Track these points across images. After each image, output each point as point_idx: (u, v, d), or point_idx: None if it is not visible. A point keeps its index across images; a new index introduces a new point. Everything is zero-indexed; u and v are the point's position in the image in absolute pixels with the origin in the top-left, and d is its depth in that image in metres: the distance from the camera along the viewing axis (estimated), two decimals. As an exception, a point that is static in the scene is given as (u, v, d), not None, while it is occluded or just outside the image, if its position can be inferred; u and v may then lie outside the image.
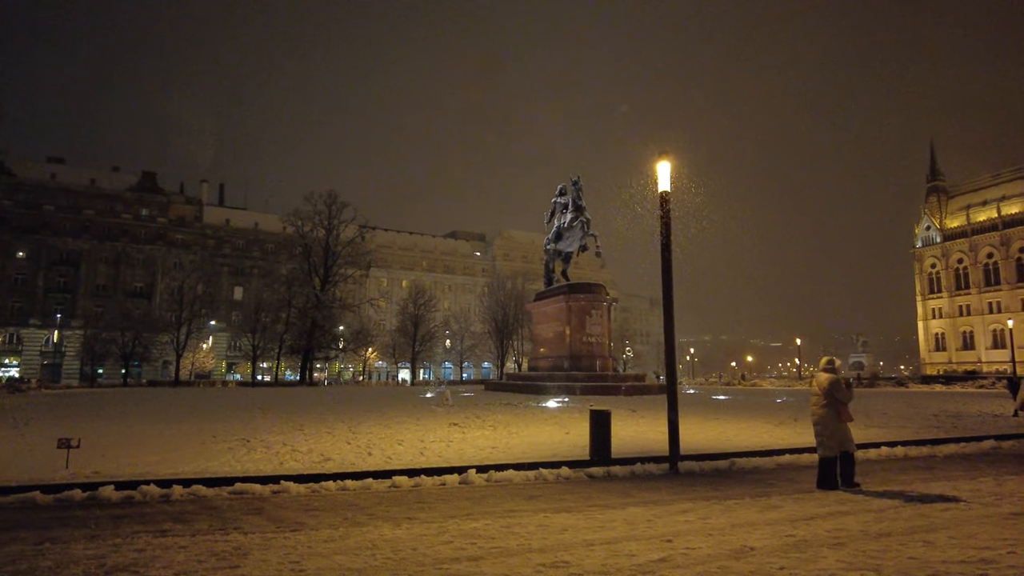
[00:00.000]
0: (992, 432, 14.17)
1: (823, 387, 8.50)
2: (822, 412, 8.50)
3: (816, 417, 8.57)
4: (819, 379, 8.65)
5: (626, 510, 7.21)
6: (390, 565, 5.16)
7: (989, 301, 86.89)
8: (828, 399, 8.43)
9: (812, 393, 8.80)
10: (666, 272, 10.65)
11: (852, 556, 5.27)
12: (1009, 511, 7.02)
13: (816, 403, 8.60)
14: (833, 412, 8.39)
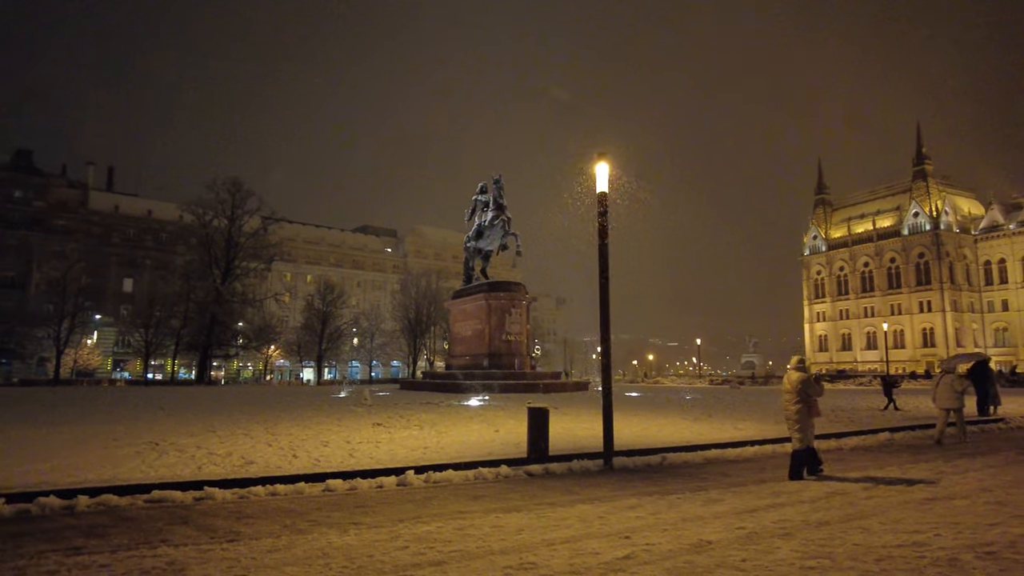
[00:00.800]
0: (885, 425, 15.39)
1: (795, 385, 8.96)
2: (795, 408, 8.95)
3: (789, 413, 9.02)
4: (790, 377, 9.10)
5: (576, 508, 7.20)
6: (348, 575, 4.86)
7: (865, 306, 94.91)
8: (800, 396, 8.91)
9: (784, 391, 9.24)
10: (603, 273, 10.78)
11: (803, 545, 5.48)
12: (921, 497, 7.59)
13: (789, 400, 9.04)
14: (805, 408, 8.89)
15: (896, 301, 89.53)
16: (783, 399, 9.27)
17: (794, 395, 8.97)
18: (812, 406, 8.95)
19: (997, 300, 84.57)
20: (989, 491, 7.92)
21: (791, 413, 8.99)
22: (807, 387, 8.94)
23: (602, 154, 11.03)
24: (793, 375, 9.11)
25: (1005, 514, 6.64)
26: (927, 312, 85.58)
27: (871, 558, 5.10)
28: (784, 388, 9.27)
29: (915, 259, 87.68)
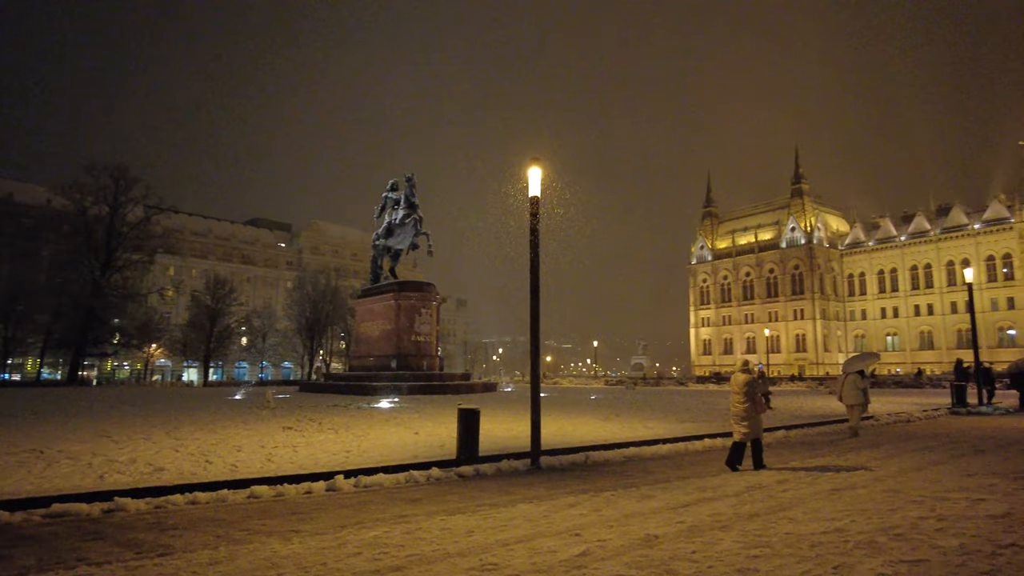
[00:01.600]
0: (778, 424, 16.60)
1: (742, 386, 9.83)
2: (743, 406, 9.77)
3: (737, 410, 9.86)
4: (737, 379, 9.97)
5: (517, 508, 7.26)
6: (306, 584, 4.65)
7: (745, 313, 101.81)
8: (747, 395, 9.76)
9: (732, 392, 10.06)
10: (534, 276, 10.93)
11: (742, 536, 5.84)
12: (828, 487, 8.28)
13: (737, 400, 9.88)
14: (752, 405, 9.75)
15: (774, 309, 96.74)
16: (731, 398, 10.12)
17: (741, 395, 9.86)
18: (758, 403, 9.87)
19: (858, 310, 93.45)
20: (881, 481, 8.77)
21: (739, 410, 9.84)
22: (753, 387, 9.89)
23: (535, 159, 11.19)
24: (740, 377, 9.99)
25: (901, 500, 7.39)
26: (800, 319, 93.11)
27: (805, 544, 5.52)
28: (732, 389, 10.11)
29: (791, 270, 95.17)
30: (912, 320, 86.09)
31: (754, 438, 9.89)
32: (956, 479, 8.80)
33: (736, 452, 9.95)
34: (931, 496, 7.60)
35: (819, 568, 4.85)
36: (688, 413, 20.06)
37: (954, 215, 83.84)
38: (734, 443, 10.02)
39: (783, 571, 4.80)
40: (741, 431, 9.80)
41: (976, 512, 6.76)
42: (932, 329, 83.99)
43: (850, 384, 15.13)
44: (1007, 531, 5.97)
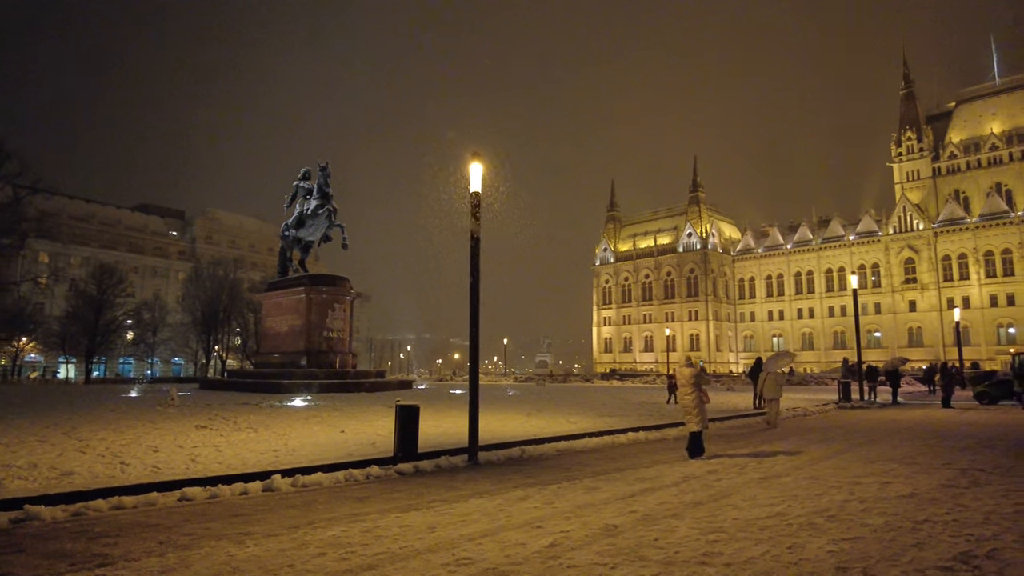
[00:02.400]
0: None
1: (689, 379, 10.58)
2: (691, 397, 10.52)
3: (686, 402, 10.55)
4: (683, 373, 10.69)
5: (469, 503, 7.25)
6: (278, 587, 4.44)
7: (645, 313, 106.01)
8: (694, 387, 10.43)
9: (680, 385, 10.79)
10: (474, 273, 10.91)
11: (696, 523, 6.14)
12: (757, 477, 8.85)
13: (685, 392, 10.57)
14: (698, 397, 10.42)
15: (670, 309, 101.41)
16: (680, 392, 10.90)
17: (689, 387, 10.55)
18: (703, 395, 10.62)
19: (747, 312, 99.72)
20: (800, 469, 9.47)
21: (688, 402, 10.55)
22: (699, 379, 10.63)
23: (475, 154, 11.17)
24: (686, 371, 10.74)
25: (823, 486, 8.02)
26: (695, 320, 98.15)
27: (754, 528, 5.88)
28: (680, 382, 10.88)
29: (687, 274, 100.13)
30: (795, 322, 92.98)
31: (697, 430, 10.60)
32: (861, 465, 9.65)
33: (695, 442, 10.65)
34: (846, 481, 8.30)
35: (776, 549, 5.20)
36: (605, 408, 20.71)
37: (833, 227, 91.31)
38: (691, 433, 10.71)
39: (744, 553, 5.10)
40: (695, 421, 10.54)
41: (887, 494, 7.46)
42: (812, 331, 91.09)
43: (772, 381, 16.45)
44: (918, 509, 6.64)
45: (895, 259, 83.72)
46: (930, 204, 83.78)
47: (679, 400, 11.07)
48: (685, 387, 10.69)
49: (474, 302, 10.88)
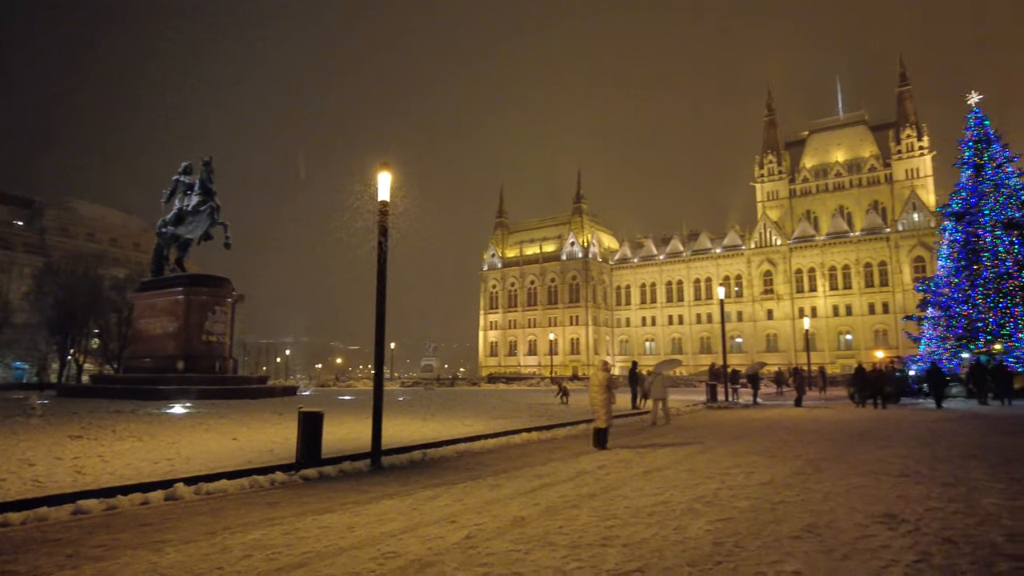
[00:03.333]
0: (580, 419, 18.50)
1: (603, 382, 11.94)
2: (601, 398, 11.85)
3: (597, 402, 11.97)
4: (598, 376, 12.13)
5: (383, 503, 7.56)
6: (212, 587, 4.61)
7: (529, 317, 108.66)
8: (605, 389, 11.86)
9: (592, 387, 12.18)
10: (381, 278, 11.15)
11: (593, 512, 6.86)
12: (641, 471, 9.79)
13: (596, 392, 11.98)
14: (607, 397, 11.87)
15: (554, 315, 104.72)
16: (592, 392, 12.25)
17: (601, 389, 12.00)
18: (612, 396, 12.06)
19: (623, 318, 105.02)
20: (678, 463, 10.56)
21: (599, 402, 11.99)
22: (612, 383, 12.17)
23: (385, 164, 11.43)
24: (600, 375, 12.14)
25: (698, 477, 9.08)
26: (576, 325, 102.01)
27: (644, 514, 6.69)
28: (592, 384, 12.26)
29: (569, 280, 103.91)
30: (666, 328, 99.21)
31: (604, 426, 12.10)
32: (730, 459, 10.91)
33: (601, 435, 12.21)
34: (718, 472, 9.43)
35: (664, 530, 6.00)
36: (496, 411, 21.40)
37: (702, 240, 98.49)
38: (596, 429, 12.27)
39: (638, 535, 5.86)
40: (603, 418, 11.99)
41: (751, 481, 8.61)
42: (682, 336, 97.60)
43: (659, 383, 18.18)
44: (775, 493, 7.77)
45: (756, 271, 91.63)
46: (787, 222, 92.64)
47: (591, 399, 12.39)
48: (598, 388, 12.11)
49: (380, 310, 11.11)
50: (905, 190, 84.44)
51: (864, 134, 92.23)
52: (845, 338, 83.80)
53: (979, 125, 32.40)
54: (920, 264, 78.37)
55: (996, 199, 30.86)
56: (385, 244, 11.15)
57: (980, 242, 30.88)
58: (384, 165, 11.35)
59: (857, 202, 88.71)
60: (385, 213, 11.27)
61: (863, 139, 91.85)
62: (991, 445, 12.09)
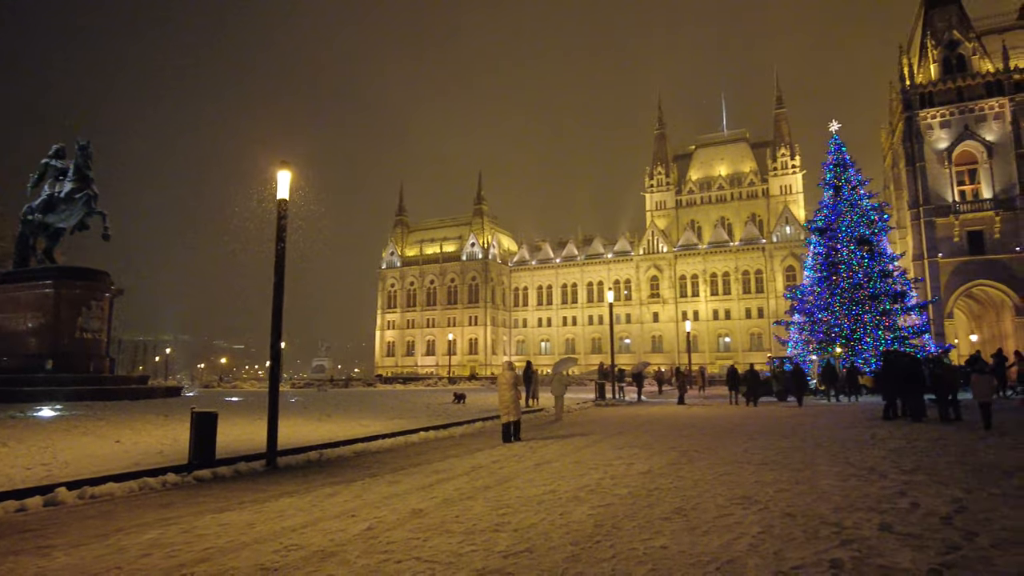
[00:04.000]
0: (477, 417, 19.00)
1: (510, 381, 13.11)
2: (510, 395, 12.95)
3: (506, 399, 13.07)
4: (506, 376, 13.24)
5: (281, 500, 7.66)
6: (112, 584, 4.66)
7: (428, 317, 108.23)
8: (512, 387, 12.99)
9: (501, 385, 13.32)
10: (279, 277, 11.11)
11: (487, 502, 7.35)
12: (532, 464, 10.41)
13: (504, 390, 13.12)
14: (515, 395, 12.99)
15: (453, 315, 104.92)
16: (500, 390, 13.32)
17: (509, 387, 13.15)
18: (519, 394, 13.27)
19: (520, 318, 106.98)
20: (566, 456, 11.28)
21: (508, 399, 13.08)
22: (517, 382, 13.41)
23: (284, 162, 11.38)
24: (507, 374, 13.31)
25: (584, 468, 9.80)
26: (474, 325, 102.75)
27: (533, 502, 7.26)
28: (501, 383, 13.38)
29: (469, 281, 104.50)
30: (561, 329, 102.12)
31: (516, 420, 13.26)
32: (613, 451, 11.78)
33: (507, 430, 13.42)
34: (602, 464, 10.21)
35: (551, 516, 6.58)
36: (394, 411, 21.49)
37: (595, 245, 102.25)
38: (504, 424, 13.43)
39: (527, 520, 6.40)
40: (513, 413, 13.16)
41: (631, 471, 9.43)
42: (575, 337, 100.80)
43: (558, 381, 19.45)
44: (651, 481, 8.60)
45: (644, 276, 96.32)
46: (673, 230, 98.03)
47: (500, 397, 13.48)
48: (506, 387, 13.22)
49: (277, 311, 11.07)
50: (779, 204, 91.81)
51: (745, 151, 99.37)
52: (724, 340, 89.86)
53: (838, 151, 36.09)
54: (791, 273, 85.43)
55: (851, 218, 34.47)
56: (283, 243, 11.12)
57: (838, 255, 34.37)
58: (283, 163, 11.32)
59: (737, 214, 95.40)
60: (284, 211, 11.23)
61: (744, 155, 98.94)
62: (836, 436, 13.75)
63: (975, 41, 53.35)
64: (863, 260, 33.61)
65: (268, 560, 5.20)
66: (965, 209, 50.60)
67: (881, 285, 33.41)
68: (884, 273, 33.82)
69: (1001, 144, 50.46)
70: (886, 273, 33.89)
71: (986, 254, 49.74)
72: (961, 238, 50.45)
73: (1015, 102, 50.19)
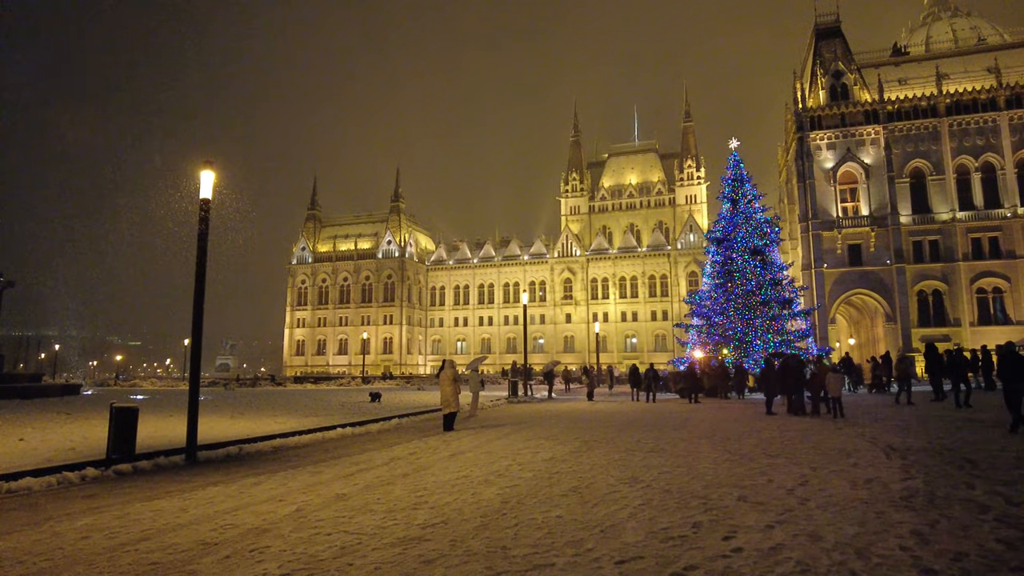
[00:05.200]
0: (392, 414, 19.52)
1: (451, 376, 14.77)
2: (450, 389, 14.63)
3: (447, 393, 14.69)
4: (447, 372, 14.85)
5: (208, 489, 8.08)
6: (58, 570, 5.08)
7: (340, 316, 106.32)
8: (452, 382, 14.65)
9: (443, 380, 14.97)
10: (200, 274, 11.33)
11: (406, 487, 8.08)
12: (447, 454, 11.18)
13: (446, 385, 14.74)
14: (455, 389, 14.65)
15: (367, 313, 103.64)
16: (442, 385, 15.01)
17: (450, 382, 14.80)
18: (458, 388, 14.94)
19: (436, 318, 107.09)
20: (479, 447, 12.14)
21: (448, 393, 14.73)
22: (457, 378, 15.05)
23: (208, 162, 11.61)
24: (449, 371, 14.97)
25: (495, 457, 10.69)
26: (389, 324, 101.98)
27: (448, 486, 8.05)
28: (443, 380, 15.01)
29: (384, 279, 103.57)
30: (477, 329, 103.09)
31: (455, 411, 14.92)
32: (522, 442, 12.74)
33: (448, 420, 15.19)
34: (511, 453, 11.14)
35: (464, 496, 7.41)
36: (308, 409, 21.63)
37: (512, 247, 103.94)
38: (445, 415, 15.16)
39: (443, 500, 7.20)
40: (453, 405, 14.88)
41: (537, 459, 10.40)
42: (491, 337, 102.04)
43: (474, 379, 20.74)
44: (553, 466, 9.58)
45: (558, 279, 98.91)
46: (586, 235, 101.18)
47: (442, 391, 15.06)
48: (447, 382, 14.90)
49: (198, 310, 11.29)
50: (685, 213, 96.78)
51: (654, 161, 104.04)
52: (631, 341, 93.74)
53: (736, 167, 38.93)
54: (694, 279, 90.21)
55: (746, 229, 37.30)
56: (205, 243, 11.35)
57: (733, 264, 37.10)
58: (206, 163, 11.54)
59: (646, 221, 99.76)
60: (206, 212, 11.46)
61: (653, 165, 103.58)
62: (720, 428, 15.34)
63: (856, 73, 58.69)
64: (756, 269, 36.45)
65: (207, 536, 5.74)
66: (847, 224, 55.52)
67: (771, 292, 36.36)
68: (774, 281, 36.80)
69: (877, 167, 55.76)
70: (776, 281, 36.89)
71: (863, 266, 54.82)
72: (843, 250, 55.34)
73: (888, 130, 55.64)
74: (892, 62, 61.40)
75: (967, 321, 52.16)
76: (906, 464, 8.98)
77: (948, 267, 53.05)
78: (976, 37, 67.25)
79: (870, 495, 6.98)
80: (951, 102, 55.31)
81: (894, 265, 53.52)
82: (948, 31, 71.59)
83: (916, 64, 60.42)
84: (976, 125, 54.46)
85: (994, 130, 53.92)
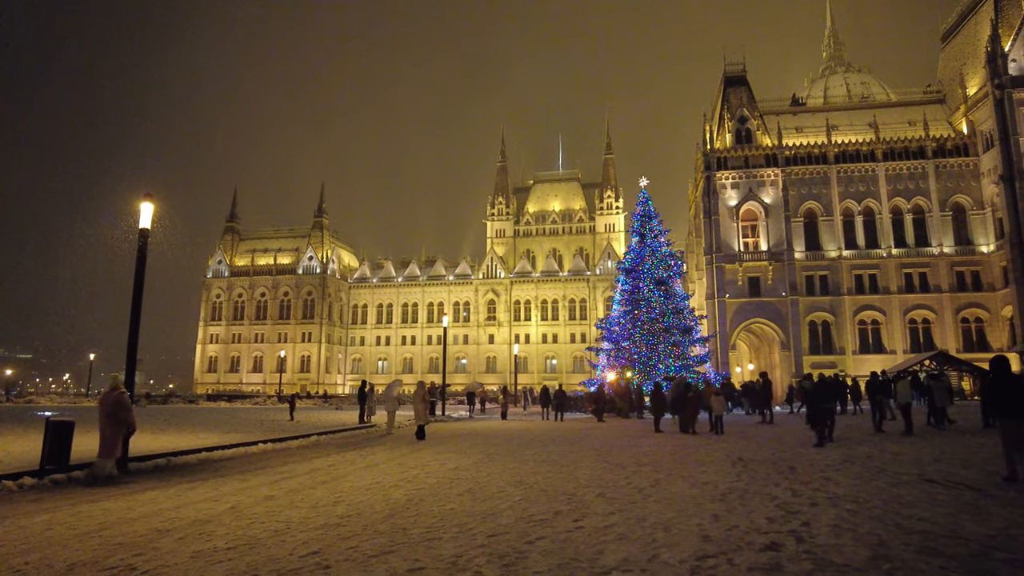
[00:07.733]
0: (311, 432, 20.45)
1: (421, 394, 17.24)
2: (421, 406, 17.32)
3: (418, 408, 17.23)
4: (419, 392, 17.52)
5: (147, 494, 9.12)
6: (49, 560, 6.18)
7: (257, 332, 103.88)
8: (423, 400, 16.89)
9: (415, 397, 17.44)
10: (136, 298, 12.25)
11: (325, 490, 9.42)
12: (363, 465, 12.50)
13: (417, 401, 17.30)
14: (425, 405, 17.07)
15: (284, 330, 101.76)
16: (415, 401, 17.71)
17: (421, 400, 17.17)
18: (427, 404, 17.19)
19: (358, 336, 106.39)
20: (393, 460, 13.51)
21: (420, 409, 17.23)
22: (427, 395, 17.66)
23: (148, 195, 12.59)
24: (420, 390, 17.60)
25: (406, 467, 12.11)
26: (308, 342, 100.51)
27: (363, 490, 9.45)
28: (415, 396, 17.76)
29: (304, 296, 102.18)
30: (399, 348, 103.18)
31: (425, 423, 17.22)
32: (432, 456, 14.19)
33: (420, 431, 17.64)
34: (420, 464, 12.59)
35: (376, 496, 8.85)
36: (228, 427, 22.18)
37: (437, 267, 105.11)
38: (419, 426, 17.67)
39: (358, 498, 8.62)
40: (423, 418, 17.35)
41: (443, 469, 11.91)
42: (413, 356, 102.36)
43: (391, 399, 21.82)
44: (456, 474, 11.12)
45: (482, 300, 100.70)
46: (511, 258, 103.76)
47: (415, 406, 17.75)
48: (418, 399, 17.49)
49: (134, 330, 12.19)
50: (603, 241, 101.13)
51: (576, 189, 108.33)
52: (551, 362, 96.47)
53: (645, 204, 42.11)
54: (611, 304, 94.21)
55: (652, 261, 40.35)
56: (142, 272, 12.30)
57: (640, 293, 39.99)
58: (147, 196, 12.53)
59: (567, 246, 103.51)
60: (145, 241, 12.43)
61: (575, 194, 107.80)
62: (609, 443, 17.30)
63: (759, 119, 64.09)
64: (660, 298, 39.45)
65: (159, 525, 6.94)
66: (748, 258, 60.19)
67: (673, 320, 39.41)
68: (676, 310, 39.90)
69: (775, 206, 60.89)
70: (678, 310, 40.00)
71: (761, 296, 59.50)
72: (744, 282, 59.89)
73: (785, 173, 60.98)
74: (791, 111, 67.42)
75: (850, 349, 57.52)
76: (744, 471, 11.08)
77: (835, 300, 58.43)
78: (863, 93, 74.80)
79: (700, 493, 8.92)
80: (839, 151, 61.35)
81: (789, 297, 58.40)
82: (842, 84, 79.20)
83: (811, 114, 66.61)
84: (859, 173, 60.59)
85: (873, 179, 60.15)
